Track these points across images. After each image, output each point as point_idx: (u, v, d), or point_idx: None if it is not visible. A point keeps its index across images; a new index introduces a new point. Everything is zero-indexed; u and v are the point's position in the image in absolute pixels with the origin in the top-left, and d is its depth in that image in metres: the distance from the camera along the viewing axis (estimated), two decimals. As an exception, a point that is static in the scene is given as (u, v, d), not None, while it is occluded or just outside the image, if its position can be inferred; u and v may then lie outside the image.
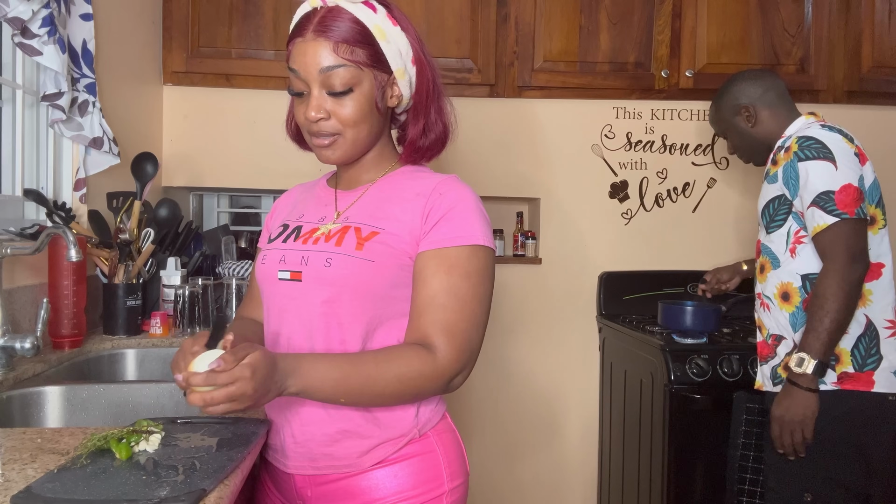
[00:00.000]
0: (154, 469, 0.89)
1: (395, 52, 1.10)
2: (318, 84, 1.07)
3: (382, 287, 1.08)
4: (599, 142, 2.72)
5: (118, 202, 2.02)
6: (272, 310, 1.15)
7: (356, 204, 1.16)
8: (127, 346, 1.83)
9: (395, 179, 1.17)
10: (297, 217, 1.20)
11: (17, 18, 1.56)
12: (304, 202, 1.24)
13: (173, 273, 2.09)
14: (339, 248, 1.08)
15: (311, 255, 1.10)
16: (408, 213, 1.10)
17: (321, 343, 1.08)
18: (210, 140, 2.58)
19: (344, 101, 1.08)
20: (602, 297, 2.71)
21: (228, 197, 2.99)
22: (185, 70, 2.52)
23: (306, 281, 1.09)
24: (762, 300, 1.87)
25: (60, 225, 1.75)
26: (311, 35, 1.07)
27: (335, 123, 1.09)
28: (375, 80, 1.10)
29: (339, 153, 1.12)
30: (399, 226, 1.09)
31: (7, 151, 1.77)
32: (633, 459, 2.40)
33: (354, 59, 1.07)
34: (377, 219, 1.11)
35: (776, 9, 2.63)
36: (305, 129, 1.12)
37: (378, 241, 1.08)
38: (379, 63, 1.09)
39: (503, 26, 2.61)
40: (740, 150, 2.04)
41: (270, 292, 1.15)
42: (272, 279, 1.13)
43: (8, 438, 1.03)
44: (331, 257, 1.08)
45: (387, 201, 1.13)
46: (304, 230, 1.16)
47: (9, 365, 1.45)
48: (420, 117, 1.16)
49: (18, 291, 1.62)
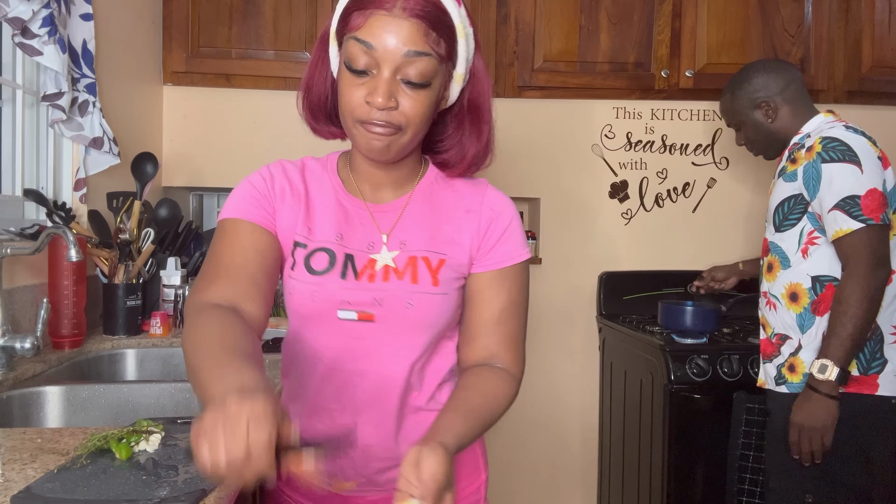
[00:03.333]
0: (154, 469, 0.89)
1: (465, 54, 1.01)
2: (394, 67, 0.93)
3: (452, 316, 1.06)
4: (599, 142, 2.72)
5: (118, 202, 2.02)
6: (324, 342, 1.04)
7: (403, 223, 1.06)
8: (127, 346, 1.83)
9: (432, 191, 1.09)
10: (337, 239, 1.04)
11: (17, 18, 1.56)
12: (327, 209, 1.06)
13: (173, 273, 2.09)
14: (416, 285, 1.01)
15: (386, 295, 1.01)
16: (464, 235, 1.05)
17: (393, 382, 1.03)
18: (210, 140, 2.58)
19: (416, 95, 0.95)
20: (602, 297, 2.71)
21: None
22: (185, 70, 2.52)
23: (381, 322, 1.01)
24: (768, 299, 1.84)
25: (60, 225, 1.75)
26: (400, 11, 0.92)
27: (401, 117, 0.95)
28: (444, 78, 0.99)
29: (394, 151, 0.98)
30: (458, 249, 1.05)
31: (7, 151, 1.77)
32: (633, 459, 2.40)
33: (439, 52, 0.95)
34: (437, 243, 1.05)
35: (776, 9, 2.63)
36: (355, 114, 0.96)
37: (447, 268, 1.04)
38: (451, 61, 0.99)
39: (503, 26, 2.61)
40: (753, 144, 2.00)
41: (322, 329, 1.03)
42: (328, 316, 1.02)
43: (8, 438, 1.03)
44: (412, 299, 1.01)
45: (437, 220, 1.06)
46: (360, 262, 1.03)
47: (9, 365, 1.45)
48: (484, 128, 1.08)
49: (18, 291, 1.62)
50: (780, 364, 1.80)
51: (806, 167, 1.74)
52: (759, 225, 2.68)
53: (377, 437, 1.05)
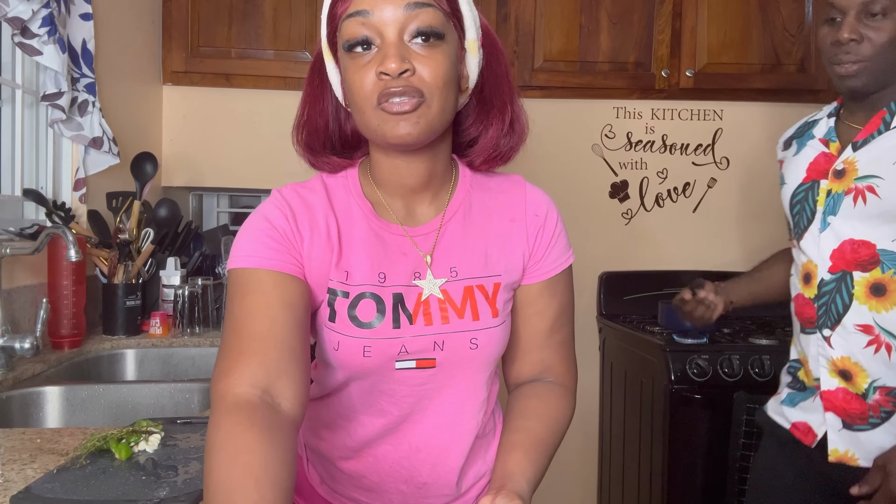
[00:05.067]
0: (153, 469, 0.89)
1: (471, 16, 0.89)
2: (398, 27, 0.81)
3: (505, 344, 0.97)
4: (599, 142, 2.72)
5: (118, 202, 2.02)
6: (379, 393, 0.93)
7: (445, 243, 0.93)
8: (126, 347, 1.83)
9: (469, 198, 0.96)
10: (378, 277, 0.90)
11: (17, 18, 1.56)
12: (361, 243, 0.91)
13: (173, 273, 2.09)
14: (477, 322, 0.91)
15: (445, 338, 0.90)
16: (515, 248, 0.96)
17: (444, 420, 0.95)
18: (210, 140, 2.58)
19: (432, 52, 0.82)
20: (602, 297, 2.70)
21: (228, 197, 2.99)
22: (185, 70, 2.51)
23: (443, 366, 0.91)
24: (877, 336, 1.30)
25: (60, 225, 1.75)
26: None
27: (419, 81, 0.81)
28: (457, 40, 0.87)
29: (423, 126, 0.83)
30: (510, 265, 0.95)
31: (7, 151, 1.77)
32: (633, 459, 2.40)
33: (441, 5, 0.83)
34: (488, 265, 0.94)
35: (776, 9, 2.63)
36: (372, 98, 0.82)
37: (503, 293, 0.94)
38: (458, 21, 0.87)
39: (503, 26, 2.61)
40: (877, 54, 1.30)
41: (375, 380, 0.91)
42: (384, 371, 0.90)
43: (7, 439, 1.03)
44: (475, 337, 0.90)
45: (483, 235, 0.95)
46: (409, 300, 0.90)
47: (8, 365, 1.45)
48: (507, 106, 0.95)
49: (18, 291, 1.62)
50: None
51: None
52: (760, 224, 2.68)
53: (434, 476, 0.96)
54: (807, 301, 1.39)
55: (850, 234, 1.33)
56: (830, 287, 1.35)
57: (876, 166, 1.31)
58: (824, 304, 1.35)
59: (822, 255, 1.36)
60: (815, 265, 1.37)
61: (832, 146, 1.40)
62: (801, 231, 1.42)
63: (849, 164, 1.35)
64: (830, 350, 1.35)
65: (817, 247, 1.37)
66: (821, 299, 1.36)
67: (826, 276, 1.35)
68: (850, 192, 1.33)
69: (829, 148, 1.40)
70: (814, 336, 1.38)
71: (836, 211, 1.35)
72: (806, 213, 1.41)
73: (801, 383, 1.45)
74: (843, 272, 1.33)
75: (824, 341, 1.35)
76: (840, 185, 1.35)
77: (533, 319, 1.00)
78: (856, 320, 1.31)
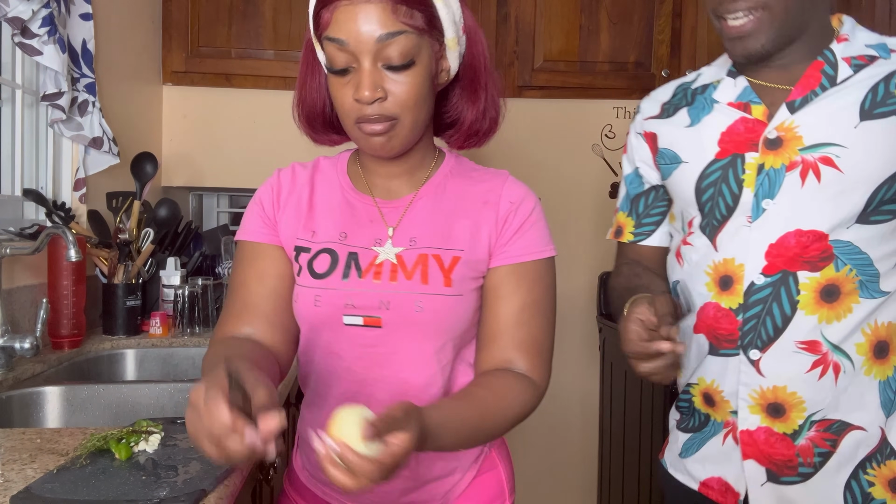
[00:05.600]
0: (153, 469, 0.89)
1: (449, 17, 0.94)
2: (372, 56, 0.88)
3: (469, 319, 0.97)
4: (599, 142, 2.72)
5: (118, 202, 2.02)
6: (336, 352, 0.98)
7: (411, 216, 0.99)
8: (126, 347, 1.83)
9: (446, 181, 1.02)
10: (340, 239, 0.99)
11: (17, 18, 1.56)
12: (332, 209, 1.01)
13: (173, 273, 2.09)
14: (426, 286, 0.93)
15: (393, 297, 0.93)
16: (482, 228, 0.98)
17: (400, 389, 0.96)
18: (210, 140, 2.58)
19: (403, 78, 0.89)
20: (602, 297, 2.70)
21: (228, 197, 2.99)
22: (185, 70, 2.52)
23: (389, 327, 0.94)
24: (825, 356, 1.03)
25: (60, 225, 1.75)
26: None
27: (392, 106, 0.90)
28: (432, 51, 0.93)
29: (396, 143, 0.93)
30: (475, 244, 0.97)
31: (7, 151, 1.77)
32: (633, 459, 2.40)
33: (414, 25, 0.89)
34: (450, 238, 0.96)
35: (776, 9, 2.63)
36: (351, 115, 0.91)
37: (461, 267, 0.95)
38: (434, 29, 0.92)
39: (503, 26, 2.61)
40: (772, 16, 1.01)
41: (331, 337, 0.97)
42: (333, 324, 0.96)
43: (7, 439, 1.03)
44: (421, 300, 0.93)
45: (452, 213, 0.99)
46: (364, 260, 0.96)
47: (8, 365, 1.45)
48: (480, 93, 1.00)
49: (18, 291, 1.62)
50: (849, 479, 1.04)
51: None
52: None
53: None
54: (725, 313, 1.06)
55: (797, 223, 1.02)
56: (765, 294, 1.03)
57: (830, 131, 1.01)
58: (755, 316, 1.03)
59: (754, 252, 1.04)
60: (741, 265, 1.05)
61: (756, 110, 1.07)
62: (718, 222, 1.09)
63: (787, 130, 1.03)
64: (759, 378, 1.04)
65: (745, 241, 1.05)
66: (749, 310, 1.04)
67: (758, 279, 1.03)
68: (794, 167, 1.02)
69: (752, 112, 1.07)
70: (733, 359, 1.06)
71: (775, 192, 1.03)
72: (724, 197, 1.07)
73: (699, 417, 1.15)
74: (784, 273, 1.02)
75: (751, 366, 1.04)
76: (778, 159, 1.03)
77: (497, 305, 0.98)
78: (798, 336, 1.02)
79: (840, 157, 1.00)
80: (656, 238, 1.25)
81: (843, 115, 1.01)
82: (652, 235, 1.26)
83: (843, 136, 1.00)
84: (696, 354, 1.13)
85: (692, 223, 1.14)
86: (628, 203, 1.28)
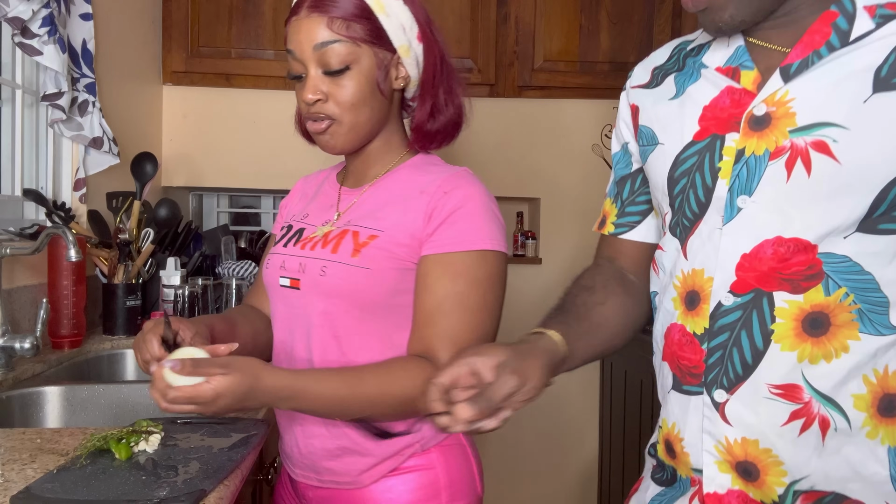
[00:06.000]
0: (153, 469, 0.89)
1: (396, 28, 1.03)
2: (315, 63, 1.02)
3: (382, 296, 1.01)
4: (599, 142, 2.72)
5: (118, 202, 2.02)
6: (276, 315, 1.12)
7: (358, 203, 1.09)
8: (126, 347, 1.83)
9: (401, 174, 1.09)
10: (302, 217, 1.15)
11: (17, 18, 1.56)
12: (311, 199, 1.18)
13: (173, 273, 2.09)
14: (334, 255, 1.02)
15: (307, 262, 1.05)
16: (410, 213, 1.02)
17: (319, 355, 1.03)
18: (210, 140, 2.58)
19: (341, 81, 1.02)
20: (602, 297, 2.70)
21: (228, 197, 2.99)
22: (185, 70, 2.52)
23: (304, 289, 1.04)
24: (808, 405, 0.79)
25: (60, 225, 1.75)
26: (306, 12, 1.01)
27: (332, 107, 1.03)
28: (376, 59, 1.03)
29: (338, 141, 1.05)
30: (399, 227, 1.02)
31: (7, 151, 1.77)
32: (633, 459, 2.40)
33: (351, 35, 1.01)
34: (377, 220, 1.04)
35: (776, 9, 2.63)
36: (304, 116, 1.06)
37: (376, 245, 1.01)
38: (379, 39, 1.03)
39: (503, 26, 2.61)
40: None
41: (273, 298, 1.11)
42: (274, 285, 1.09)
43: (7, 439, 1.03)
44: (326, 265, 1.02)
45: (390, 200, 1.06)
46: (306, 233, 1.11)
47: (8, 365, 1.45)
48: (427, 98, 1.08)
49: (18, 291, 1.62)
50: None
51: None
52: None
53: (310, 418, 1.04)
54: (689, 339, 0.85)
55: (777, 228, 0.78)
56: (733, 318, 0.80)
57: (831, 108, 0.75)
58: (720, 346, 0.81)
59: (724, 264, 0.81)
60: (710, 279, 0.82)
61: (746, 77, 0.82)
62: (690, 222, 0.86)
63: (779, 104, 0.78)
64: (725, 426, 0.81)
65: (716, 248, 0.82)
66: (715, 338, 0.81)
67: (726, 298, 0.80)
68: (779, 154, 0.77)
69: (741, 80, 0.83)
70: (695, 399, 0.84)
71: (753, 188, 0.79)
72: (697, 191, 0.84)
73: (668, 472, 0.93)
74: (757, 293, 0.78)
75: (714, 410, 0.81)
76: (762, 143, 0.79)
77: (421, 294, 1.01)
78: (772, 377, 0.78)
79: (838, 141, 0.74)
80: (641, 232, 1.02)
81: (850, 85, 0.75)
82: (636, 228, 1.02)
83: (846, 113, 0.74)
84: (661, 388, 0.94)
85: (665, 221, 0.92)
86: (615, 187, 1.06)
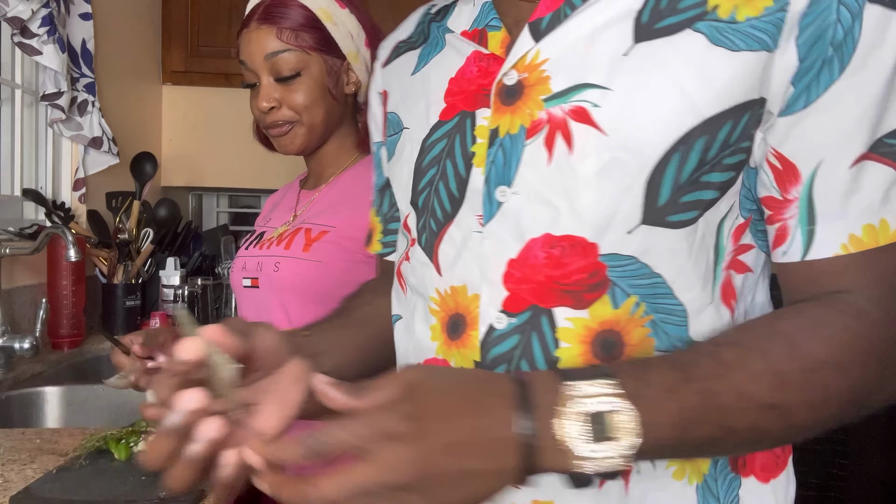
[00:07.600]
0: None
1: (344, 35, 1.09)
2: (266, 72, 1.07)
3: (333, 287, 1.03)
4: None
5: (117, 202, 2.02)
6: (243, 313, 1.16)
7: (314, 202, 1.14)
8: (126, 347, 1.82)
9: (354, 174, 1.14)
10: (265, 222, 1.21)
11: (16, 18, 1.56)
12: (278, 205, 1.23)
13: (172, 273, 2.09)
14: (287, 251, 1.07)
15: (263, 260, 1.09)
16: (360, 210, 1.02)
17: None
18: (209, 140, 2.58)
19: (293, 87, 1.07)
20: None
21: (228, 197, 2.99)
22: (185, 70, 2.51)
23: (262, 287, 1.08)
24: None
25: (59, 225, 1.75)
26: (256, 24, 1.07)
27: (288, 111, 1.08)
28: (326, 65, 1.08)
29: (299, 141, 1.10)
30: (351, 223, 1.06)
31: (6, 151, 1.77)
32: (632, 460, 2.40)
33: (300, 44, 1.06)
34: (329, 217, 1.09)
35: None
36: (260, 122, 1.11)
37: (327, 240, 1.06)
38: (328, 47, 1.08)
39: (503, 26, 2.61)
40: None
41: (239, 300, 1.15)
42: (238, 286, 1.13)
43: (7, 439, 1.03)
44: (279, 261, 1.07)
45: (342, 199, 1.11)
46: (266, 235, 1.16)
47: (8, 365, 1.45)
48: None
49: (17, 291, 1.62)
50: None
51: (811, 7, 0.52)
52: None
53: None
54: None
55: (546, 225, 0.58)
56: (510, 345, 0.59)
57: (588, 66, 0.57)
58: None
59: (490, 276, 0.60)
60: (475, 296, 0.61)
61: (493, 39, 0.64)
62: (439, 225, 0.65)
63: (531, 69, 0.59)
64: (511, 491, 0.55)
65: (475, 257, 0.62)
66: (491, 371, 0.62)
67: (499, 320, 0.60)
68: (536, 131, 0.58)
69: (488, 45, 0.64)
70: None
71: (512, 175, 0.60)
72: (448, 184, 0.64)
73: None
74: (535, 311, 0.59)
75: None
76: (516, 119, 0.60)
77: None
78: None
79: (600, 105, 0.56)
80: None
81: (607, 38, 0.57)
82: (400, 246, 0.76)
83: (605, 71, 0.56)
84: None
85: (409, 226, 0.69)
86: (378, 196, 0.83)
